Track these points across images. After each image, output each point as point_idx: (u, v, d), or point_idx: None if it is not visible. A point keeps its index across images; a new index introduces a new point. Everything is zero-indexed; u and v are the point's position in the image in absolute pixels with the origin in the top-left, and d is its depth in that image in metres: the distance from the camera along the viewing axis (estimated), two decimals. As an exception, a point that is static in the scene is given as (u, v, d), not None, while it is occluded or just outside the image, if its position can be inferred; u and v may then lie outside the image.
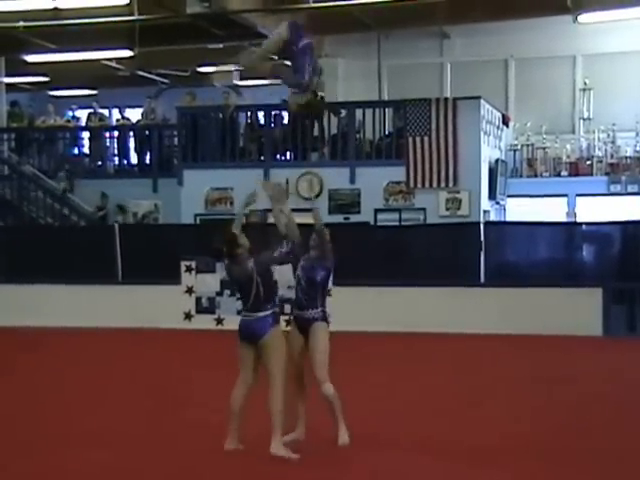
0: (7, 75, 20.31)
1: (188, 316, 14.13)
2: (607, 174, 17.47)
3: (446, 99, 16.25)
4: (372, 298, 13.55)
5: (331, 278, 6.85)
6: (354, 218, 16.04)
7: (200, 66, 21.23)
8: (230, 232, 6.34)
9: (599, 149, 17.68)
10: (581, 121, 18.13)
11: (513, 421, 7.67)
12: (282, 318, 6.66)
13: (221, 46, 19.61)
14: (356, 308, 13.29)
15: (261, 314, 6.23)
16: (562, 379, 9.88)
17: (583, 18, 16.34)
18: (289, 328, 6.67)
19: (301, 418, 6.56)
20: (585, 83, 17.98)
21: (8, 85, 20.58)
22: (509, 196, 17.78)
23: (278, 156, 17.30)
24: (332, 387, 6.45)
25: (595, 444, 6.89)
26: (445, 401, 8.55)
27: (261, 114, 17.55)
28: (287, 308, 12.81)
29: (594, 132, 17.74)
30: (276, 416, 6.15)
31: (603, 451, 6.68)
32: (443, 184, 15.77)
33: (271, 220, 6.85)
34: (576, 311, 12.94)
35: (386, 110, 16.73)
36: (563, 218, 17.04)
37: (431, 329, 13.04)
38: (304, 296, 6.53)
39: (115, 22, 16.86)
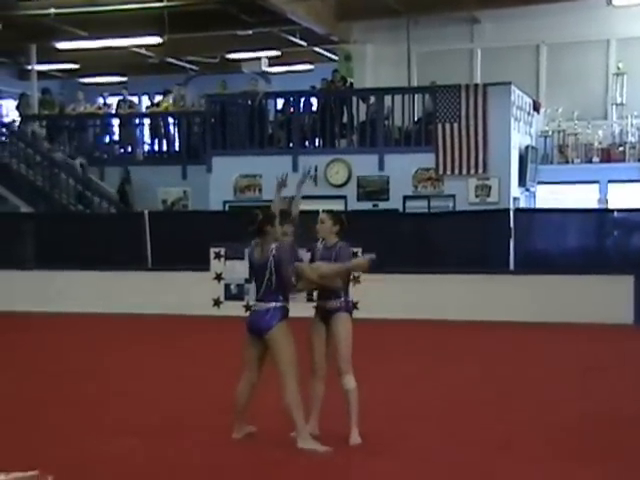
0: (38, 62, 20.47)
1: (217, 303, 14.17)
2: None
3: (476, 85, 16.11)
4: (400, 286, 13.50)
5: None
6: (383, 205, 15.99)
7: (229, 53, 21.24)
8: (269, 212, 6.28)
9: (632, 135, 17.45)
10: (614, 107, 17.90)
11: (542, 410, 7.62)
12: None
13: (250, 33, 19.62)
14: (384, 296, 13.26)
15: (271, 305, 6.15)
16: (592, 368, 9.79)
17: (617, 1, 16.11)
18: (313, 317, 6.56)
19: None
20: (618, 68, 17.74)
21: (39, 72, 20.74)
22: (539, 183, 17.62)
23: (307, 143, 17.28)
24: (353, 380, 6.33)
25: (625, 433, 6.82)
26: (473, 390, 8.51)
27: (290, 100, 17.53)
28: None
29: (627, 118, 17.50)
30: (295, 411, 6.11)
31: (633, 440, 6.62)
32: (473, 171, 15.67)
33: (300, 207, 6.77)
34: (607, 299, 12.81)
35: (415, 96, 16.63)
36: (594, 205, 16.86)
37: (460, 317, 12.98)
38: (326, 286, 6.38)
39: (144, 9, 16.95)
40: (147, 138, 19.38)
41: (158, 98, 19.98)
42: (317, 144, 17.21)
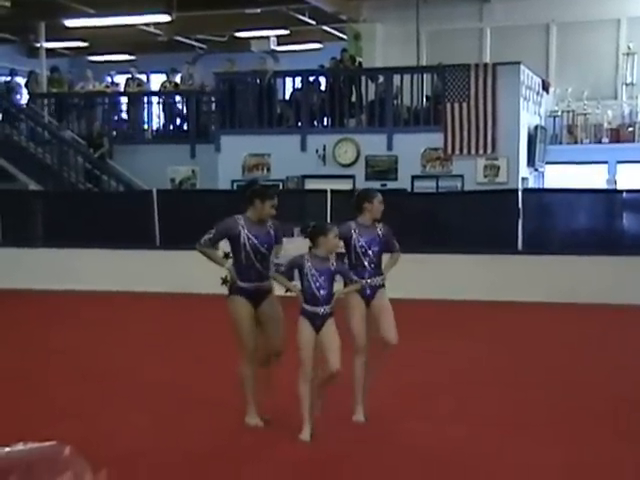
0: (47, 40, 20.44)
1: (225, 281, 14.14)
2: (649, 141, 17.20)
3: (485, 64, 16.04)
4: (408, 265, 13.36)
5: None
6: (391, 185, 15.98)
7: (237, 31, 21.16)
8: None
9: (642, 115, 17.39)
10: (624, 86, 17.80)
11: (553, 390, 7.66)
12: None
13: (259, 11, 19.52)
14: (391, 275, 13.24)
15: None
16: (600, 348, 9.83)
17: (627, -20, 15.99)
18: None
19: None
20: (629, 47, 17.62)
21: (48, 50, 20.71)
22: (548, 163, 17.58)
23: (315, 122, 17.26)
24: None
25: (628, 414, 6.86)
26: (482, 369, 8.55)
27: (298, 80, 17.50)
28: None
29: (637, 98, 17.42)
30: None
31: (636, 422, 6.66)
32: (481, 151, 15.64)
33: (309, 186, 6.88)
34: (616, 280, 12.83)
35: (424, 76, 16.57)
36: (603, 185, 16.82)
37: (468, 297, 13.01)
38: (370, 265, 6.61)
39: (153, -13, 16.85)
40: (156, 117, 19.36)
41: (163, 77, 19.94)
42: (326, 123, 17.18)
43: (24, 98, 19.95)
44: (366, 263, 6.59)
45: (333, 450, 5.92)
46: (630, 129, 17.41)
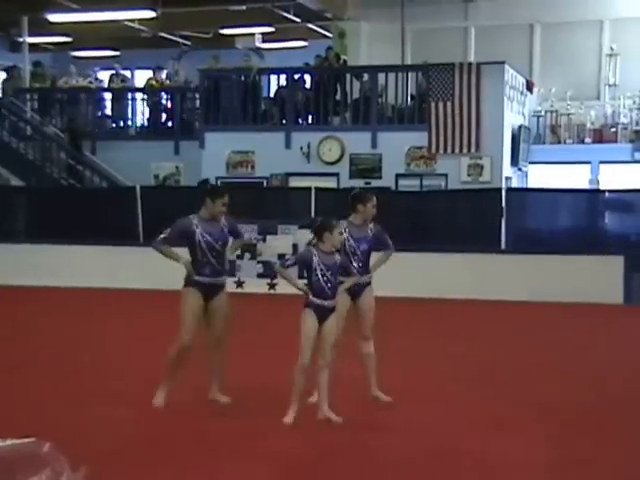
0: (30, 35, 20.30)
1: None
2: (632, 141, 17.30)
3: (470, 64, 16.09)
4: (392, 264, 13.44)
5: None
6: (375, 183, 15.99)
7: (222, 28, 21.11)
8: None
9: (624, 116, 17.49)
10: (606, 87, 17.91)
11: (530, 387, 7.69)
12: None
13: (244, 8, 19.49)
14: (375, 274, 13.26)
15: None
16: (581, 347, 9.89)
17: (611, -18, 16.08)
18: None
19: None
20: (612, 48, 17.73)
21: (31, 45, 20.58)
22: (531, 162, 17.65)
23: (300, 120, 17.25)
24: (372, 346, 6.89)
25: (609, 411, 6.90)
26: (463, 367, 8.57)
27: (283, 77, 17.49)
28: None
29: (619, 98, 17.53)
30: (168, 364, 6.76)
31: (620, 417, 6.70)
32: (465, 150, 15.69)
33: (293, 184, 7.00)
34: (597, 279, 12.90)
35: (409, 74, 16.60)
36: (586, 185, 16.91)
37: (451, 295, 13.05)
38: (359, 264, 6.84)
39: (138, -18, 16.79)
40: (140, 113, 19.29)
41: (147, 73, 19.86)
42: (310, 121, 17.18)
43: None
44: (354, 261, 6.79)
45: (321, 443, 5.93)
46: (613, 129, 17.52)
